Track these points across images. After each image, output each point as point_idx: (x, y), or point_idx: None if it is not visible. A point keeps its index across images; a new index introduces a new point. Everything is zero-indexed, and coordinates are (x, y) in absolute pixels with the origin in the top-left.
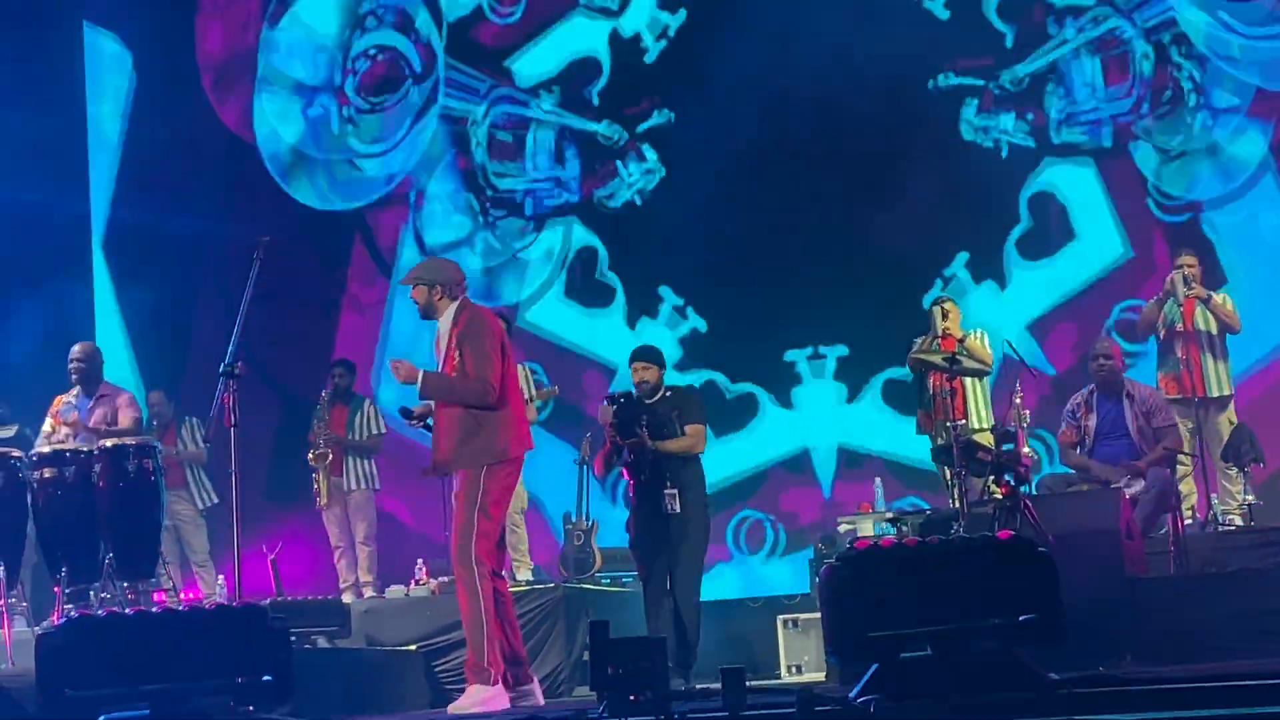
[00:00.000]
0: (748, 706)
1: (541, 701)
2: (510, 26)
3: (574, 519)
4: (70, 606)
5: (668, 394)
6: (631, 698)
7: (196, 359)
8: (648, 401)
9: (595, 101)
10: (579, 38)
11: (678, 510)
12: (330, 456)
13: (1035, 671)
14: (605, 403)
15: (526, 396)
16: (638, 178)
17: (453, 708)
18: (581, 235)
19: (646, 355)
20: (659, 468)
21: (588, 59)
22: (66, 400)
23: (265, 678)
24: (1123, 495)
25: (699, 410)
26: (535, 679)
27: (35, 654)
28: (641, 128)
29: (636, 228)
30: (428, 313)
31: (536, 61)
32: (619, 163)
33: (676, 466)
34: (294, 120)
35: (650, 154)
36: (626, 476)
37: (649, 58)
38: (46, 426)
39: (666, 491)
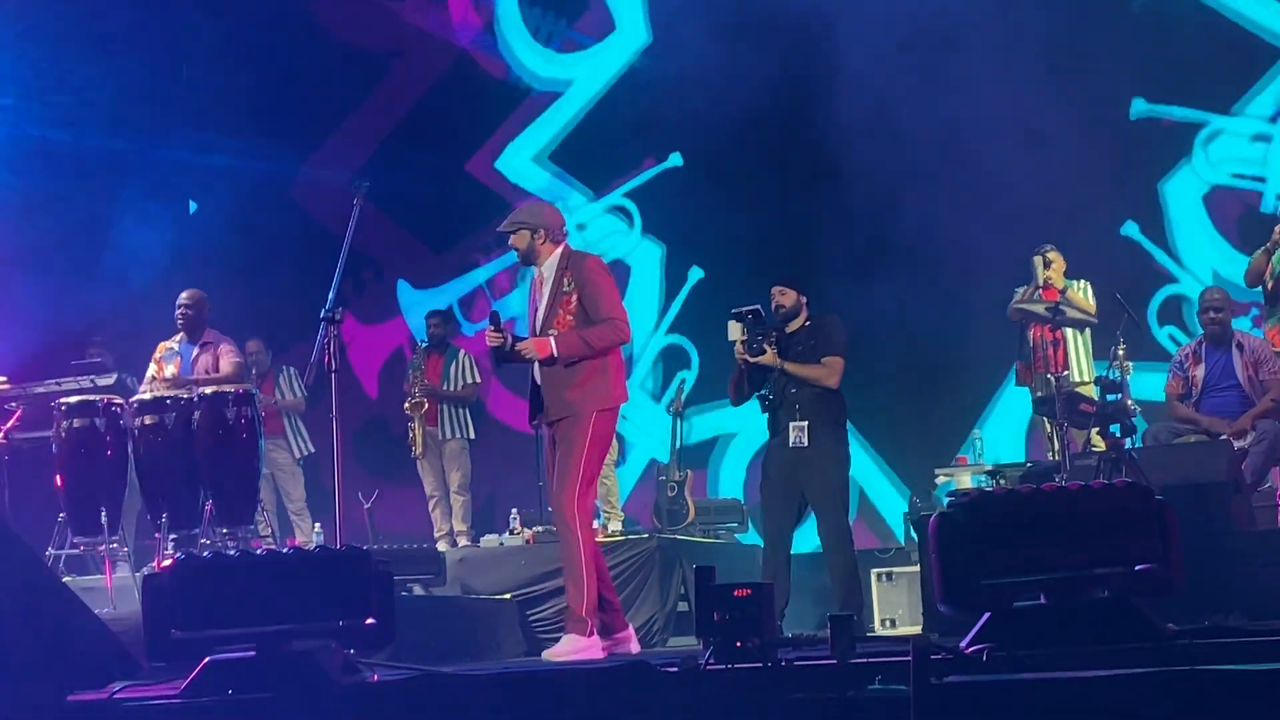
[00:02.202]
0: (857, 655)
1: (637, 650)
2: None
3: (666, 470)
4: (171, 552)
5: (808, 322)
6: (738, 644)
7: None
8: (786, 330)
9: None
10: None
11: (805, 444)
12: (426, 406)
13: (1153, 622)
14: (732, 319)
15: None
16: None
17: (548, 654)
18: None
19: (784, 279)
20: (790, 397)
21: None
22: (169, 346)
23: (368, 620)
24: (1231, 447)
25: (838, 342)
26: (630, 627)
27: (141, 595)
28: None
29: None
30: (528, 258)
31: None
32: None
33: (809, 398)
34: None
35: None
36: (763, 408)
37: None
38: (151, 371)
39: (794, 424)
